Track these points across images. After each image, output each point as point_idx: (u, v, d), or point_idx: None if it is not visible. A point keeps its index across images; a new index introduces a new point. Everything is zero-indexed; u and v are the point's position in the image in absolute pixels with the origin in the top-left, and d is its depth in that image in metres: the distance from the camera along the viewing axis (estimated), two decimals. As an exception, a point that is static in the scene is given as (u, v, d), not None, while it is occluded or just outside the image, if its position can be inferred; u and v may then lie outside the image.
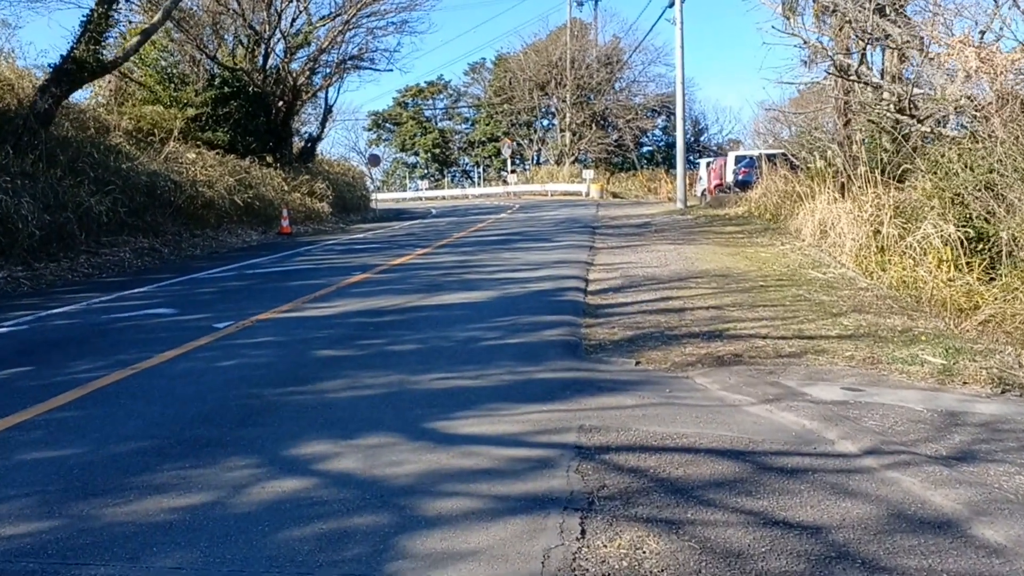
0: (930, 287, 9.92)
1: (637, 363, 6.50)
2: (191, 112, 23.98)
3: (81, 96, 24.37)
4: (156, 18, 17.30)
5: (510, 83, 59.18)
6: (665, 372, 6.23)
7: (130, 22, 16.83)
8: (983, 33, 12.64)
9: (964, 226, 10.69)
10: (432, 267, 13.09)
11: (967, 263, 10.34)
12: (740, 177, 27.47)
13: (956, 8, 13.30)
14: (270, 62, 29.04)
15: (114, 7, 15.81)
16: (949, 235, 10.71)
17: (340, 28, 30.08)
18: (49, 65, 15.92)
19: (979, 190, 10.83)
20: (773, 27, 19.22)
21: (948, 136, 13.45)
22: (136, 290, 11.15)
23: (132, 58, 25.12)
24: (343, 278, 11.81)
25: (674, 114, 59.67)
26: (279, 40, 29.09)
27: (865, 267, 11.80)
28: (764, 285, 10.31)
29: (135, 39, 17.10)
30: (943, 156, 12.42)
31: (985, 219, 10.74)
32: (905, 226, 11.93)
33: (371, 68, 33.25)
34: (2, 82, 18.31)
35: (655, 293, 9.96)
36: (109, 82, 24.61)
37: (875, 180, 13.15)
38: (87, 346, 7.42)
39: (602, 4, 58.98)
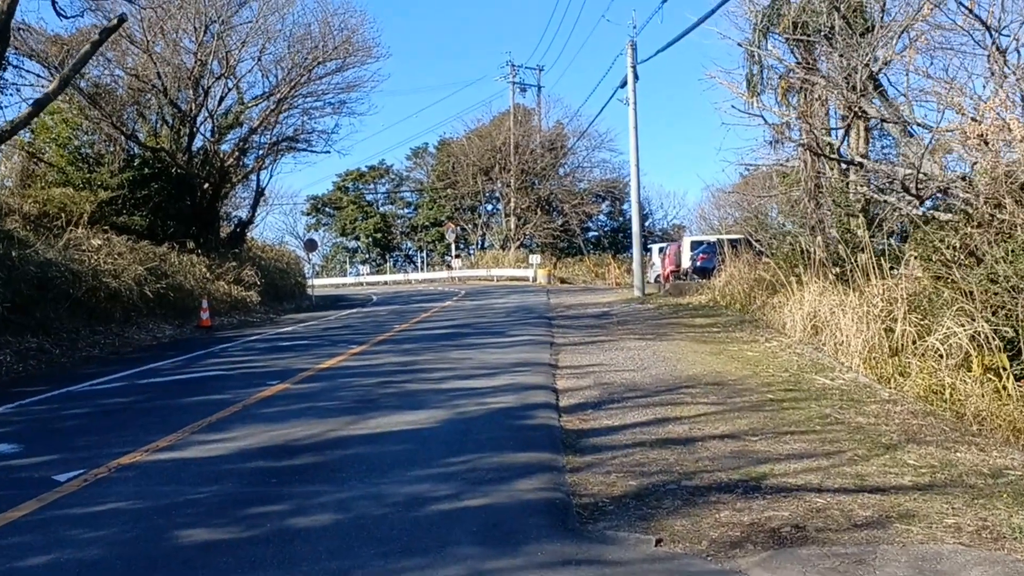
0: (974, 400, 8.13)
1: (658, 542, 4.46)
2: (104, 195, 21.72)
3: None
4: (52, 87, 15.19)
5: (453, 167, 58.00)
6: (704, 561, 4.19)
7: (18, 90, 14.79)
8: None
9: (1001, 325, 9.01)
10: (367, 372, 10.93)
11: (1004, 368, 8.63)
12: (699, 263, 26.05)
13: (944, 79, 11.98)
14: (196, 143, 27.01)
15: (1, 74, 13.70)
16: (981, 333, 9.02)
17: (274, 108, 28.28)
18: (-83, 138, 13.65)
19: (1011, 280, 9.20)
20: (733, 106, 18.02)
21: (941, 218, 11.97)
22: (-17, 413, 8.76)
23: (44, 138, 22.97)
24: (255, 390, 9.59)
25: (619, 199, 59.37)
26: (206, 120, 27.13)
27: (879, 372, 10.02)
28: (775, 399, 8.42)
29: (26, 111, 14.92)
30: (942, 241, 10.88)
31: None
32: (921, 323, 10.25)
33: (307, 150, 31.44)
34: None
35: (646, 412, 7.97)
36: (15, 163, 22.33)
37: (880, 269, 11.53)
38: None
39: (545, 90, 58.44)
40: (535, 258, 46.90)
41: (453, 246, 55.55)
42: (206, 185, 26.43)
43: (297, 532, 4.63)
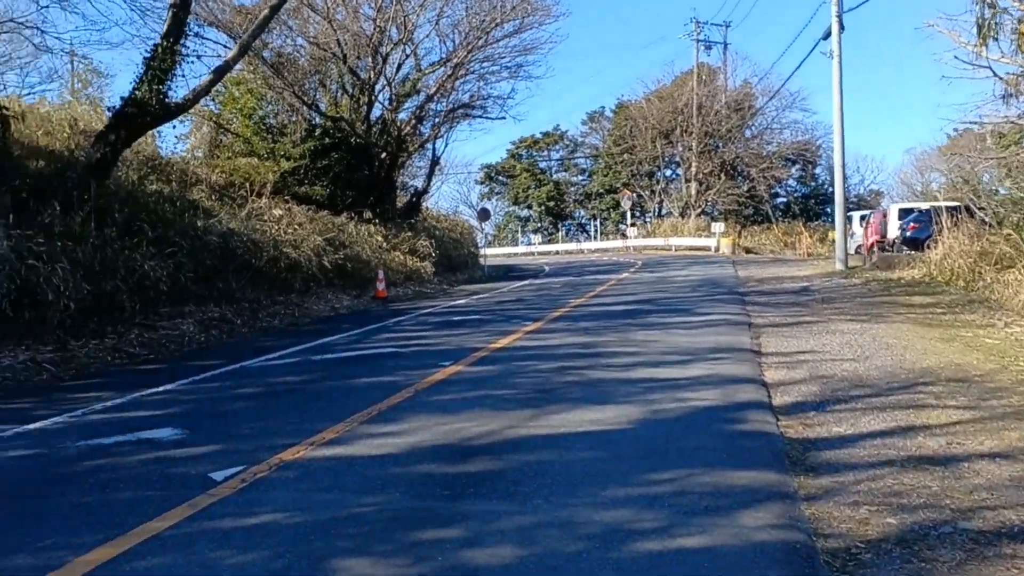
0: None
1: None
2: (287, 165, 22.05)
3: (181, 148, 22.94)
4: (232, 54, 15.19)
5: (631, 132, 56.18)
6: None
7: (199, 57, 14.88)
8: None
9: None
10: (544, 355, 10.02)
11: None
12: (909, 233, 23.42)
13: None
14: (375, 112, 27.09)
15: (182, 41, 13.70)
16: None
17: (450, 74, 27.88)
18: (108, 110, 13.91)
19: None
20: (956, 57, 15.71)
21: None
22: (158, 390, 8.51)
23: (231, 109, 23.62)
24: (427, 372, 8.90)
25: (811, 163, 55.57)
26: (384, 88, 27.12)
27: None
28: (1049, 405, 6.77)
29: (207, 79, 14.99)
30: None
31: None
32: None
33: (483, 116, 30.95)
34: (82, 133, 16.67)
35: (882, 416, 6.57)
36: (204, 133, 23.09)
37: None
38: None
39: (732, 48, 55.26)
40: (718, 226, 44.61)
41: (628, 214, 54.03)
42: (383, 154, 26.47)
43: (473, 573, 3.73)
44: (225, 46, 19.98)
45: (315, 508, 4.63)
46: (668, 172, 58.25)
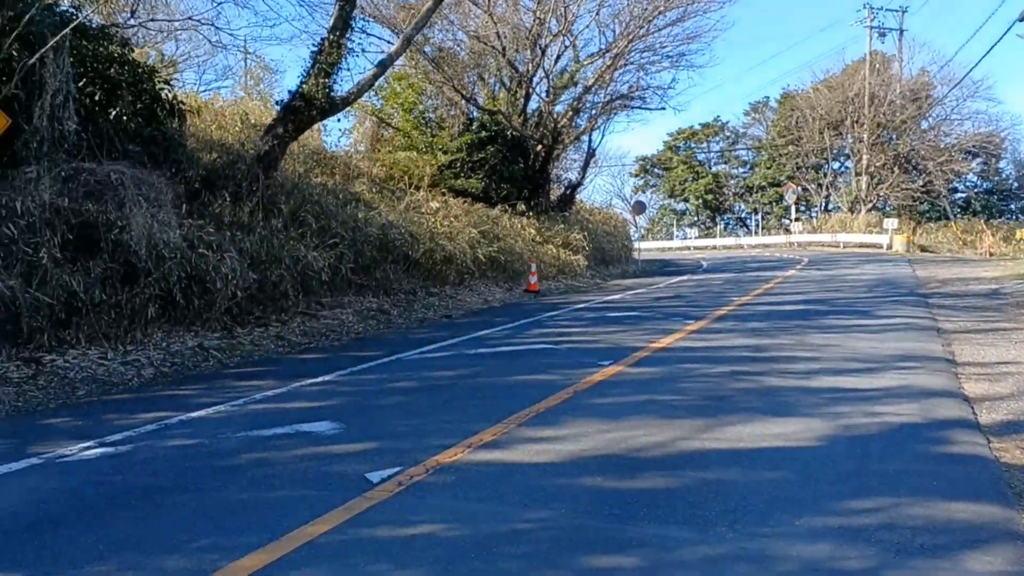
0: None
1: None
2: (444, 158, 22.18)
3: (344, 142, 23.54)
4: (395, 47, 15.26)
5: (796, 123, 53.60)
6: None
7: (363, 50, 14.98)
8: None
9: None
10: (712, 357, 9.35)
11: None
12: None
13: None
14: (531, 104, 26.88)
15: (347, 35, 13.85)
16: None
17: (609, 65, 27.26)
18: (277, 103, 14.25)
19: None
20: None
21: None
22: (316, 380, 8.47)
23: (392, 103, 24.02)
24: (585, 372, 8.44)
25: (995, 156, 51.18)
26: (542, 80, 26.87)
27: None
28: None
29: (371, 72, 15.11)
30: None
31: None
32: None
33: (642, 107, 30.12)
34: (253, 127, 17.28)
35: None
36: (366, 128, 23.59)
37: None
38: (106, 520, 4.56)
39: (908, 34, 51.42)
40: (891, 222, 41.75)
41: (792, 208, 51.62)
42: (539, 147, 26.24)
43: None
44: (388, 41, 20.30)
45: (474, 520, 4.27)
46: (836, 165, 55.20)
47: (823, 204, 54.97)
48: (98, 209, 10.23)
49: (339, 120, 21.81)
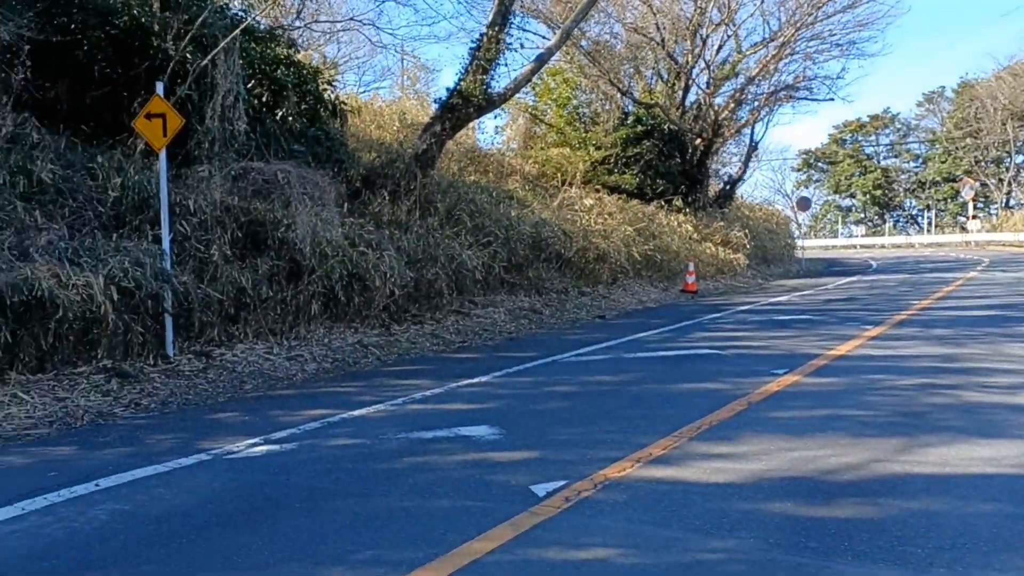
0: None
1: None
2: (597, 154, 21.80)
3: (497, 140, 23.57)
4: (553, 41, 15.00)
5: (976, 113, 49.79)
6: None
7: (522, 45, 14.84)
8: None
9: None
10: (898, 367, 8.52)
11: None
12: None
13: None
14: (689, 97, 26.04)
15: (506, 30, 13.71)
16: None
17: (773, 54, 26.03)
18: (435, 101, 14.29)
19: None
20: None
21: None
22: (473, 381, 8.28)
23: (546, 100, 23.86)
24: (758, 381, 7.85)
25: None
26: (702, 71, 25.97)
27: None
28: None
29: (528, 67, 14.91)
30: None
31: None
32: None
33: (808, 98, 28.61)
34: (409, 127, 17.52)
35: None
36: (519, 125, 23.52)
37: None
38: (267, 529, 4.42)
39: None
40: (1083, 221, 38.08)
41: (970, 205, 47.88)
42: (697, 141, 25.41)
43: None
44: (543, 36, 20.07)
45: (652, 547, 3.87)
46: (1020, 159, 50.79)
47: (1004, 201, 50.77)
48: (265, 207, 10.49)
49: (497, 115, 21.83)
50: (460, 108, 13.65)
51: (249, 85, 12.28)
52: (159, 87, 8.79)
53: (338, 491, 4.75)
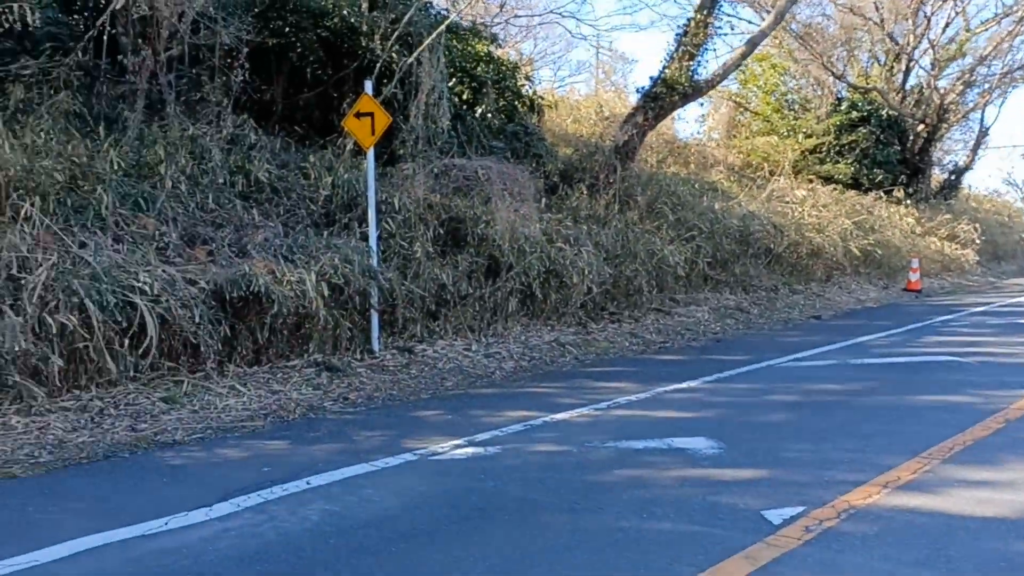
0: None
1: None
2: (808, 143, 20.45)
3: (697, 130, 22.75)
4: (766, 23, 14.08)
5: None
6: None
7: (731, 28, 13.95)
8: None
9: None
10: None
11: None
12: None
13: None
14: (910, 80, 23.92)
15: (714, 13, 12.99)
16: None
17: (1009, 31, 23.42)
18: (638, 91, 13.78)
19: None
20: None
21: None
22: (681, 386, 7.75)
23: (751, 86, 22.72)
24: (1012, 395, 6.86)
25: None
26: (924, 52, 23.80)
27: None
28: None
29: (738, 51, 14.07)
30: None
31: None
32: None
33: (1049, 79, 25.49)
34: (606, 120, 17.17)
35: None
36: (722, 113, 22.53)
37: None
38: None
39: None
40: None
41: None
42: (919, 127, 23.31)
43: None
44: (749, 21, 19.05)
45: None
46: None
47: None
48: (465, 204, 10.44)
49: (702, 103, 20.94)
50: (664, 96, 13.09)
51: (450, 83, 12.34)
52: (368, 86, 8.88)
53: (547, 504, 4.43)
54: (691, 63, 12.97)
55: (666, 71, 13.10)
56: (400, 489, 4.75)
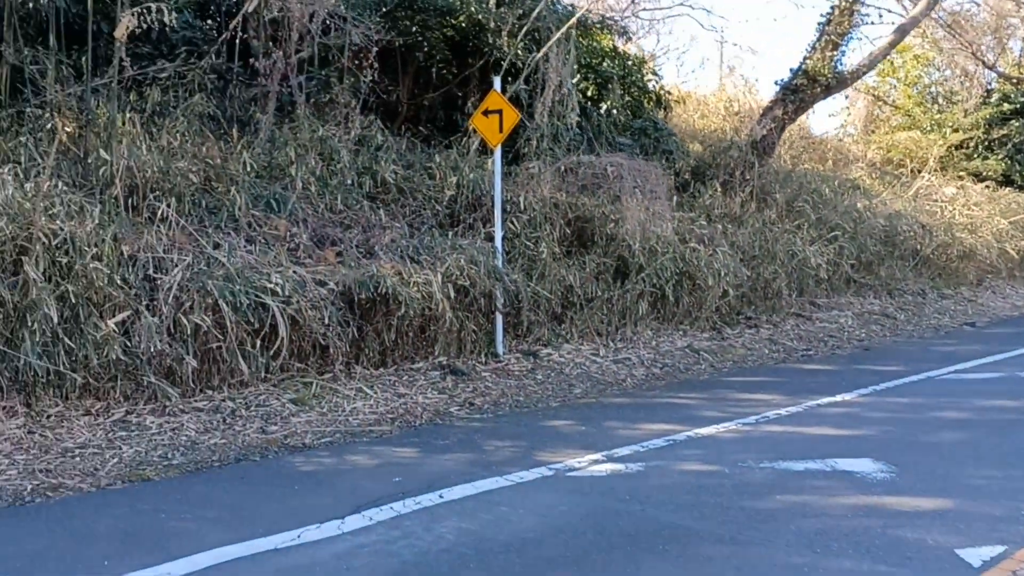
0: None
1: None
2: (955, 137, 19.07)
3: (832, 125, 21.65)
4: (917, 8, 13.11)
5: None
6: None
7: (880, 16, 13.03)
8: None
9: None
10: None
11: None
12: None
13: None
14: (1069, 68, 22.03)
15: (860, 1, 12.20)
16: None
17: None
18: (777, 83, 13.07)
19: None
20: None
21: None
22: (834, 399, 7.13)
23: (891, 78, 21.45)
24: None
25: None
26: (1087, 38, 21.89)
27: None
28: None
29: (886, 39, 13.16)
30: None
31: None
32: None
33: None
34: (736, 115, 16.51)
35: None
36: (859, 108, 21.34)
37: None
38: None
39: None
40: None
41: None
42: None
43: None
44: (890, 11, 17.92)
45: None
46: None
47: None
48: (593, 203, 10.05)
49: (837, 98, 19.86)
50: (805, 89, 12.35)
51: (574, 79, 12.00)
52: (496, 83, 8.61)
53: (705, 532, 4.00)
54: (834, 53, 12.20)
55: (807, 62, 12.37)
56: (538, 508, 4.42)
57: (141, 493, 4.71)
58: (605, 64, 13.28)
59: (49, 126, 7.49)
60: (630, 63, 13.98)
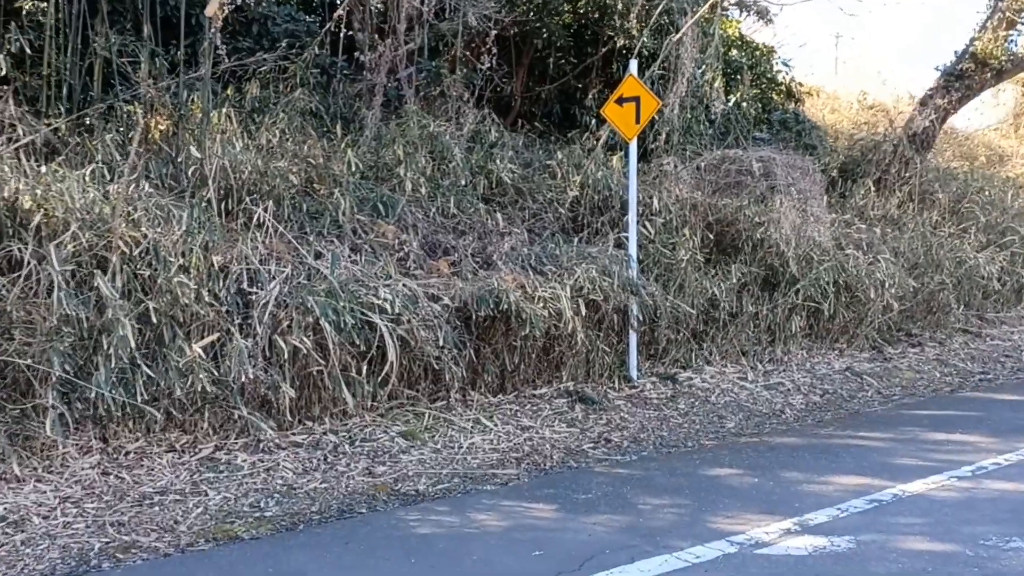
0: None
1: None
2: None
3: (981, 121, 19.67)
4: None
5: None
6: None
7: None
8: None
9: None
10: None
11: None
12: None
13: None
14: None
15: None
16: None
17: None
18: (937, 69, 11.54)
19: None
20: None
21: None
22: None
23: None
24: None
25: None
26: None
27: None
28: None
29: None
30: None
31: None
32: None
33: None
34: (869, 108, 15.01)
35: None
36: (1006, 98, 19.30)
37: None
38: None
39: None
40: None
41: None
42: None
43: None
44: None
45: None
46: None
47: None
48: (736, 204, 8.83)
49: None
50: (973, 74, 10.80)
51: (700, 69, 10.85)
52: (632, 66, 7.51)
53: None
54: (1009, 32, 10.62)
55: (976, 43, 10.80)
56: (730, 604, 3.32)
57: (226, 560, 3.85)
58: (733, 52, 12.12)
59: (141, 123, 6.81)
60: (759, 52, 12.75)
